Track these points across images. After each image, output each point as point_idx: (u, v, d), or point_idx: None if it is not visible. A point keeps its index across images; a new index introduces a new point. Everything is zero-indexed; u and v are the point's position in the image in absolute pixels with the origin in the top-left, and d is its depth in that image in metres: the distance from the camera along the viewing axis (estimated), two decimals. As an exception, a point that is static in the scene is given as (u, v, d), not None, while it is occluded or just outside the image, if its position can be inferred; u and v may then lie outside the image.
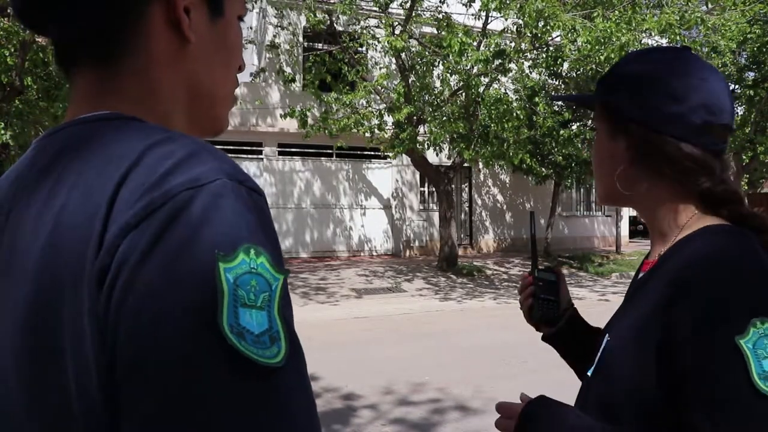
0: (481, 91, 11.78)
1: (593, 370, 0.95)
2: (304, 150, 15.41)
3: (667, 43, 11.06)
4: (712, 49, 12.48)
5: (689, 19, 10.73)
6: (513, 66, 11.73)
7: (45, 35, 0.65)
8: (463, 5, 11.70)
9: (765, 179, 18.96)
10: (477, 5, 11.15)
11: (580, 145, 14.03)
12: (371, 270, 13.42)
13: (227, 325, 0.45)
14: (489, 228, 17.99)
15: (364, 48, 12.70)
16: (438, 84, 12.52)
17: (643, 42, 10.77)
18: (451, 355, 6.77)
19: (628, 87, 0.94)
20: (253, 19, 13.99)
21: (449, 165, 14.44)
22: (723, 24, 12.17)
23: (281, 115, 12.68)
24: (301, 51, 14.42)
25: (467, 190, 17.77)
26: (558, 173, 15.42)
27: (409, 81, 12.30)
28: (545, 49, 11.86)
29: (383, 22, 11.64)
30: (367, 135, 12.24)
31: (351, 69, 12.30)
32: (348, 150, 15.07)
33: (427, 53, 12.30)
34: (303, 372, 0.49)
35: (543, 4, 9.86)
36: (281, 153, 15.52)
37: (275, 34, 13.86)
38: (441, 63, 11.74)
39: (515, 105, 11.99)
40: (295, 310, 0.55)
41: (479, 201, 17.88)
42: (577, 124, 14.31)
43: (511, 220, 18.22)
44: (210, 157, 0.51)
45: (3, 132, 8.69)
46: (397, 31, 11.71)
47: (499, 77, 11.84)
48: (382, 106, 12.51)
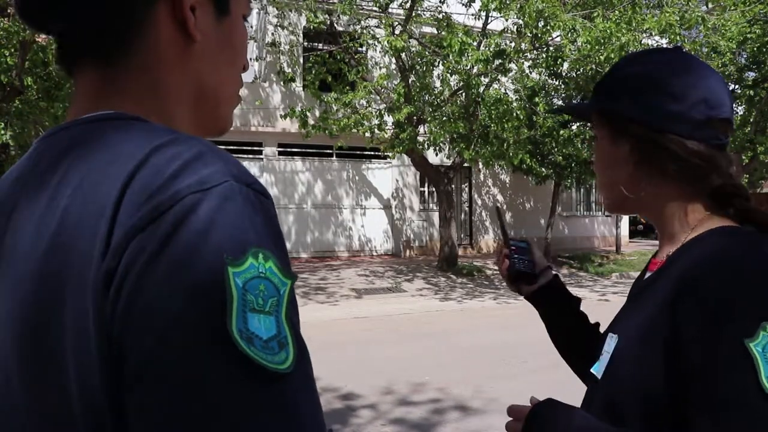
0: (481, 91, 11.78)
1: (603, 369, 0.95)
2: (304, 150, 15.41)
3: (667, 44, 11.06)
4: (712, 49, 12.48)
5: (689, 19, 10.73)
6: (513, 66, 11.73)
7: (47, 33, 0.65)
8: (463, 5, 11.70)
9: (765, 179, 18.96)
10: (477, 5, 11.15)
11: (580, 145, 14.03)
12: (371, 270, 13.42)
13: (236, 331, 0.44)
14: (489, 228, 17.99)
15: (364, 48, 12.70)
16: (438, 84, 12.52)
17: (643, 42, 10.77)
18: (451, 355, 6.77)
19: (627, 90, 0.95)
20: (254, 19, 13.99)
21: (449, 165, 14.44)
22: (723, 24, 12.16)
23: (281, 116, 12.68)
24: (301, 51, 14.42)
25: (467, 190, 17.77)
26: (558, 173, 15.42)
27: (409, 81, 12.30)
28: (545, 49, 11.86)
29: (383, 22, 11.64)
30: (367, 135, 12.24)
31: (351, 69, 12.30)
32: (348, 150, 15.07)
33: (427, 53, 12.30)
34: (310, 377, 0.49)
35: (543, 4, 9.86)
36: (281, 153, 15.52)
37: (274, 33, 13.85)
38: (441, 63, 11.74)
39: (515, 105, 11.99)
40: (295, 310, 0.55)
41: (479, 201, 17.88)
42: (577, 124, 14.30)
43: (512, 220, 18.21)
44: (217, 159, 0.50)
45: (3, 132, 8.69)
46: (397, 31, 11.71)
47: (499, 77, 11.84)
48: (382, 106, 12.51)
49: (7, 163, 10.02)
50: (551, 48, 11.85)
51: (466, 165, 14.94)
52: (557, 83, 14.67)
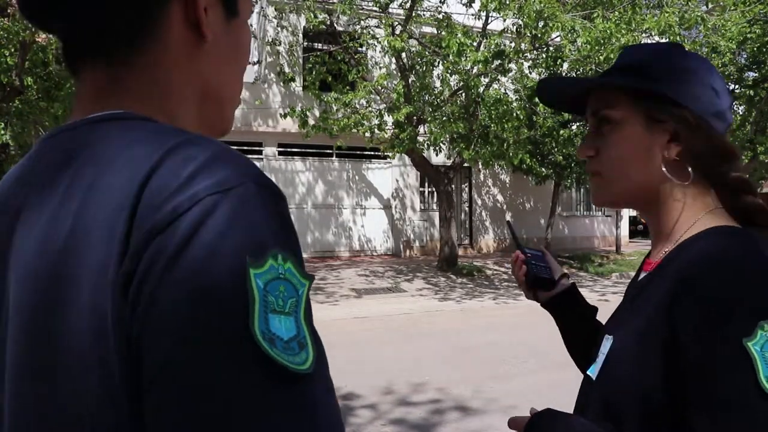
0: (481, 92, 11.78)
1: (598, 370, 0.95)
2: (304, 150, 15.41)
3: (667, 43, 11.03)
4: (712, 50, 12.48)
5: (689, 19, 10.73)
6: (513, 66, 11.73)
7: (49, 32, 0.64)
8: (464, 5, 11.70)
9: (765, 179, 18.97)
10: (477, 5, 11.14)
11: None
12: (371, 270, 13.42)
13: (259, 332, 0.45)
14: (489, 228, 17.99)
15: (364, 48, 12.69)
16: (438, 84, 12.52)
17: (643, 43, 10.75)
18: (451, 355, 6.77)
19: (671, 75, 0.91)
20: (254, 19, 13.99)
21: (449, 165, 14.43)
22: (723, 24, 12.16)
23: (281, 115, 12.68)
24: (301, 51, 14.42)
25: (467, 190, 17.77)
26: (558, 173, 15.42)
27: (409, 81, 12.30)
28: (545, 50, 11.86)
29: (383, 22, 11.64)
30: (367, 135, 12.24)
31: (351, 69, 12.30)
32: (348, 150, 15.07)
33: (427, 53, 12.30)
34: (328, 378, 0.49)
35: (542, 5, 9.85)
36: (281, 153, 15.52)
37: (275, 33, 13.86)
38: (441, 63, 11.74)
39: (515, 105, 11.99)
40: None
41: (479, 201, 17.88)
42: (577, 124, 14.30)
43: (512, 220, 18.21)
44: (232, 160, 0.51)
45: (3, 132, 8.69)
46: (397, 31, 11.71)
47: (499, 77, 11.84)
48: (382, 106, 12.51)
49: (7, 163, 10.02)
50: (551, 48, 11.85)
51: (466, 165, 14.93)
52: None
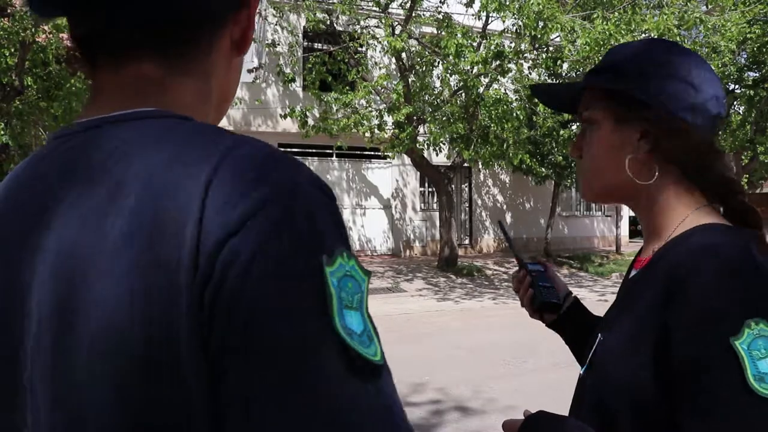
0: (481, 92, 11.78)
1: (588, 369, 0.95)
2: (304, 150, 15.41)
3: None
4: (712, 50, 12.48)
5: (688, 20, 10.73)
6: (512, 66, 11.73)
7: (73, 17, 0.59)
8: (464, 5, 11.70)
9: (765, 179, 18.96)
10: (477, 6, 11.15)
11: (580, 145, 14.02)
12: (371, 270, 13.40)
13: (340, 327, 0.46)
14: (489, 228, 17.99)
15: (364, 48, 12.69)
16: (438, 84, 12.52)
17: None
18: (451, 355, 6.77)
19: (641, 73, 0.91)
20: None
21: (449, 165, 14.43)
22: (723, 24, 12.16)
23: (281, 115, 12.68)
24: (301, 51, 14.42)
25: (467, 190, 17.76)
26: (558, 173, 15.43)
27: (409, 81, 12.30)
28: (545, 50, 11.86)
29: (383, 22, 11.64)
30: (367, 135, 12.24)
31: (351, 69, 12.30)
32: (348, 150, 15.07)
33: (427, 53, 12.30)
34: (389, 369, 0.51)
35: (541, 6, 9.85)
36: (281, 153, 15.50)
37: (274, 33, 13.86)
38: (440, 63, 11.74)
39: (515, 105, 11.99)
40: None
41: (479, 201, 17.88)
42: (577, 124, 14.31)
43: (511, 220, 18.21)
44: (290, 162, 0.51)
45: (3, 132, 8.69)
46: (397, 31, 11.71)
47: (499, 78, 11.84)
48: (382, 106, 12.51)
49: (7, 163, 10.02)
50: (551, 49, 11.84)
51: (466, 165, 14.94)
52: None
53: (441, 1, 12.07)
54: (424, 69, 12.56)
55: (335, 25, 13.04)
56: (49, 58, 9.89)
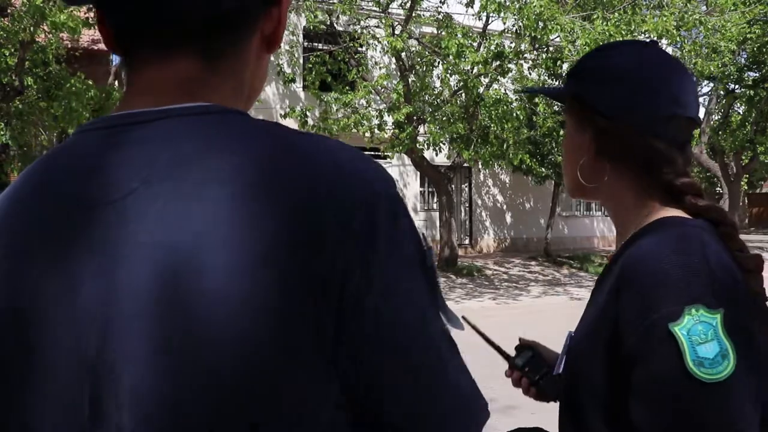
0: (481, 92, 11.78)
1: (562, 366, 0.97)
2: (304, 150, 15.40)
3: (667, 45, 11.05)
4: (712, 50, 12.48)
5: (688, 21, 10.74)
6: (512, 67, 11.73)
7: (111, 9, 0.60)
8: (465, 6, 11.70)
9: (765, 179, 18.95)
10: (477, 6, 11.15)
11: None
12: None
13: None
14: (489, 228, 17.99)
15: (364, 48, 12.69)
16: (438, 84, 12.52)
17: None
18: (451, 356, 6.75)
19: (594, 78, 0.95)
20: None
21: (449, 165, 14.43)
22: (723, 25, 12.17)
23: (281, 115, 12.68)
24: (302, 51, 14.42)
25: (467, 190, 17.77)
26: (558, 173, 15.41)
27: (409, 81, 12.30)
28: (545, 50, 11.86)
29: (383, 22, 11.64)
30: (367, 135, 12.24)
31: (351, 69, 12.30)
32: (348, 150, 15.06)
33: (427, 53, 12.29)
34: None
35: (540, 7, 9.85)
36: (281, 153, 15.50)
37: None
38: (440, 63, 11.74)
39: (515, 105, 11.99)
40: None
41: (479, 201, 17.88)
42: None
43: (511, 220, 18.22)
44: (369, 157, 0.57)
45: (3, 132, 8.69)
46: (398, 31, 11.71)
47: (499, 78, 11.84)
48: (382, 106, 12.51)
49: (7, 163, 10.02)
50: (551, 49, 11.84)
51: (466, 165, 14.93)
52: (557, 84, 14.69)
53: (441, 1, 12.07)
54: (424, 69, 12.56)
55: (335, 25, 13.04)
56: (49, 58, 9.89)
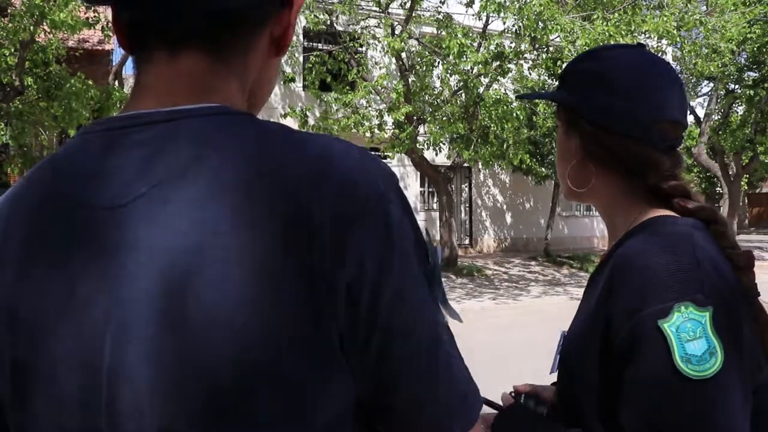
0: (481, 92, 11.78)
1: (557, 365, 0.98)
2: (304, 150, 15.40)
3: (667, 45, 11.06)
4: (712, 50, 12.48)
5: (688, 21, 10.73)
6: (512, 67, 11.73)
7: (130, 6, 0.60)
8: (465, 6, 11.69)
9: (765, 179, 18.95)
10: (477, 6, 11.15)
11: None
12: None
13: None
14: (489, 228, 17.99)
15: (364, 48, 12.69)
16: (438, 84, 12.52)
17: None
18: (451, 356, 6.76)
19: (580, 85, 0.97)
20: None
21: (449, 165, 14.43)
22: (723, 25, 12.17)
23: (281, 115, 12.68)
24: (302, 51, 14.41)
25: (467, 190, 17.76)
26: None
27: (409, 81, 12.29)
28: (545, 50, 11.86)
29: (383, 22, 11.64)
30: (367, 135, 12.23)
31: (351, 69, 12.30)
32: (348, 150, 15.05)
33: (427, 53, 12.29)
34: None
35: (540, 7, 9.85)
36: (281, 153, 15.48)
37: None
38: (441, 63, 11.74)
39: (515, 105, 11.99)
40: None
41: (479, 201, 17.88)
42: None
43: (511, 220, 18.22)
44: (374, 156, 0.59)
45: (3, 132, 8.69)
46: (398, 31, 11.71)
47: (499, 78, 11.84)
48: (382, 106, 12.51)
49: (7, 163, 10.02)
50: (551, 49, 11.85)
51: (466, 165, 14.93)
52: (557, 84, 14.67)
53: (441, 1, 12.07)
54: (424, 69, 12.55)
55: (335, 25, 13.03)
56: (49, 58, 9.89)
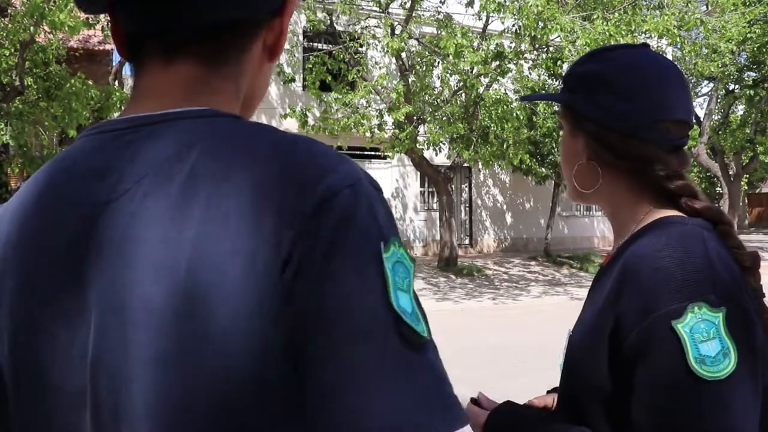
0: (481, 92, 11.78)
1: (564, 363, 0.98)
2: (304, 150, 15.40)
3: (667, 45, 11.06)
4: (712, 50, 12.49)
5: (688, 21, 10.74)
6: (512, 67, 11.73)
7: (131, 15, 0.61)
8: (465, 6, 11.70)
9: (765, 179, 18.96)
10: (477, 6, 11.15)
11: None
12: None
13: (396, 305, 0.52)
14: (489, 228, 17.99)
15: (364, 48, 12.69)
16: (438, 84, 12.52)
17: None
18: (451, 355, 6.74)
19: (583, 86, 0.97)
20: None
21: (449, 165, 14.44)
22: (723, 26, 12.17)
23: (282, 115, 12.68)
24: (302, 51, 14.41)
25: (467, 190, 17.77)
26: (558, 173, 15.42)
27: (409, 81, 12.29)
28: (545, 50, 11.86)
29: (383, 22, 11.64)
30: (367, 135, 12.24)
31: (351, 69, 12.31)
32: (348, 150, 15.04)
33: (427, 53, 12.29)
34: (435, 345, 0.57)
35: (540, 7, 9.85)
36: (281, 153, 15.49)
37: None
38: (440, 63, 11.74)
39: (515, 105, 12.00)
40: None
41: (479, 201, 17.89)
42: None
43: (512, 220, 18.22)
44: (341, 155, 0.56)
45: (3, 132, 8.69)
46: (398, 31, 11.71)
47: (499, 78, 11.84)
48: (382, 106, 12.51)
49: (7, 163, 10.02)
50: (551, 49, 11.85)
51: (466, 165, 14.93)
52: (557, 84, 14.69)
53: (441, 1, 12.07)
54: (424, 69, 12.55)
55: (335, 25, 13.04)
56: (49, 58, 9.89)
